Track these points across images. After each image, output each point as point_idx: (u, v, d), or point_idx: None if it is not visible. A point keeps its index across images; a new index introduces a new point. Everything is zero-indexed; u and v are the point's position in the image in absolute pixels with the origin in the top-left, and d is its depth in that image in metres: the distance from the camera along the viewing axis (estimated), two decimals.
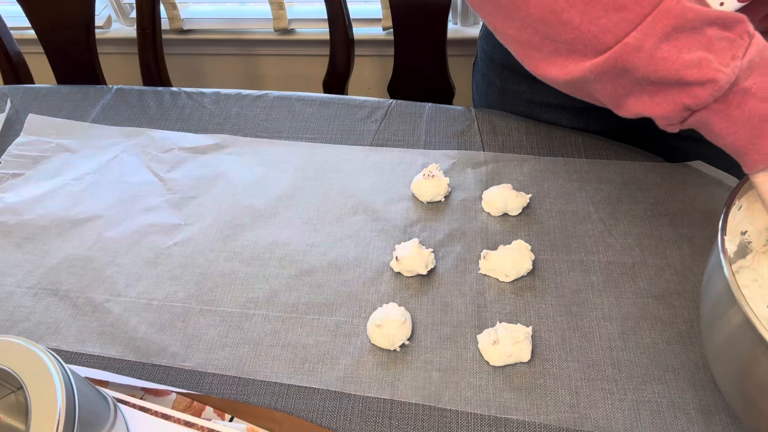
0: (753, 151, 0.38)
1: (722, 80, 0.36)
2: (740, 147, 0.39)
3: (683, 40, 0.37)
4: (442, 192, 0.63)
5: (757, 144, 0.38)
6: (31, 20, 1.06)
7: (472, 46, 1.34)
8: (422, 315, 0.55)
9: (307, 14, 1.45)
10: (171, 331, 0.55)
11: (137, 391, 0.51)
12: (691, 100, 0.38)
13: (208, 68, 1.60)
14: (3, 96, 0.83)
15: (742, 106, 0.37)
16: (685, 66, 0.37)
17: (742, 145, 0.38)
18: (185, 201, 0.67)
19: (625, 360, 0.51)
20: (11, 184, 0.70)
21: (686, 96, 0.38)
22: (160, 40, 1.08)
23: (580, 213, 0.62)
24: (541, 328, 0.53)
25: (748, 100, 0.37)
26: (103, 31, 1.48)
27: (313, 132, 0.74)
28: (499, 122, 0.73)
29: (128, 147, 0.74)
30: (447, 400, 0.49)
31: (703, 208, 0.61)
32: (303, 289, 0.58)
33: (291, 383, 0.51)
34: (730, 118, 0.38)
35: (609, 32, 0.39)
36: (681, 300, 0.54)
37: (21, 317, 0.57)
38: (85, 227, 0.65)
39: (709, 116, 0.39)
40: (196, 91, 0.81)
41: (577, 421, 0.48)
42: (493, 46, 0.74)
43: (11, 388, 0.40)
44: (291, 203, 0.66)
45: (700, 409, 0.48)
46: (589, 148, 0.69)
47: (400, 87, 1.15)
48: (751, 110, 0.37)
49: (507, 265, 0.56)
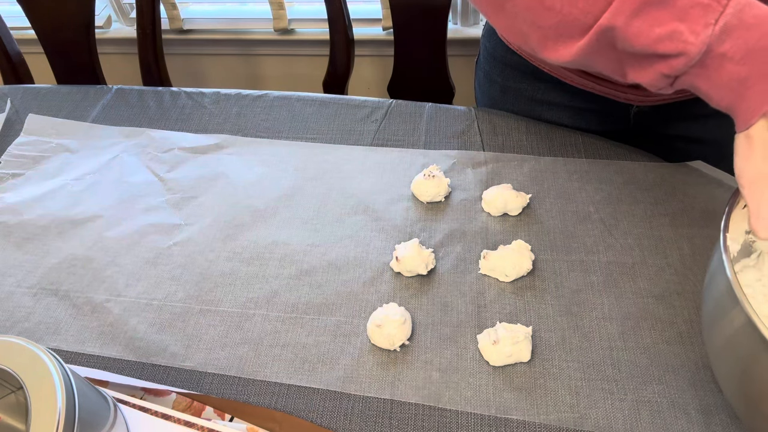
0: (738, 113, 0.39)
1: (692, 52, 0.37)
2: (726, 108, 0.39)
3: (653, 13, 0.38)
4: (442, 192, 0.63)
5: (739, 106, 0.38)
6: (31, 20, 1.06)
7: (472, 46, 1.34)
8: (422, 315, 0.55)
9: (307, 14, 1.45)
10: (171, 331, 0.55)
11: (137, 391, 0.51)
12: (668, 70, 0.39)
13: (208, 68, 1.60)
14: (3, 96, 0.83)
15: (720, 70, 0.38)
16: (657, 40, 0.38)
17: (727, 106, 0.39)
18: (185, 201, 0.67)
19: (625, 360, 0.51)
20: (11, 184, 0.70)
21: (664, 66, 0.39)
22: (160, 40, 1.08)
23: (580, 213, 0.62)
24: (541, 328, 0.53)
25: (726, 64, 0.37)
26: (103, 31, 1.49)
27: (313, 132, 0.74)
28: (499, 122, 0.73)
29: (128, 147, 0.74)
30: (447, 400, 0.49)
31: (703, 208, 0.61)
32: (303, 289, 0.58)
33: (291, 383, 0.51)
34: (711, 80, 0.39)
35: (588, 14, 0.40)
36: (681, 300, 0.54)
37: (21, 317, 0.57)
38: (85, 227, 0.65)
39: (693, 80, 0.40)
40: (196, 91, 0.81)
41: (577, 421, 0.48)
42: (495, 44, 0.74)
43: (11, 388, 0.40)
44: (291, 203, 0.66)
45: (700, 409, 0.47)
46: (589, 148, 0.69)
47: (400, 87, 1.15)
48: (729, 74, 0.37)
49: (507, 265, 0.56)
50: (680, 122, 0.69)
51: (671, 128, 0.71)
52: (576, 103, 0.71)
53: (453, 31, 1.38)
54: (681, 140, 0.71)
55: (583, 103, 0.71)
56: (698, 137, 0.70)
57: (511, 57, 0.72)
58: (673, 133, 0.71)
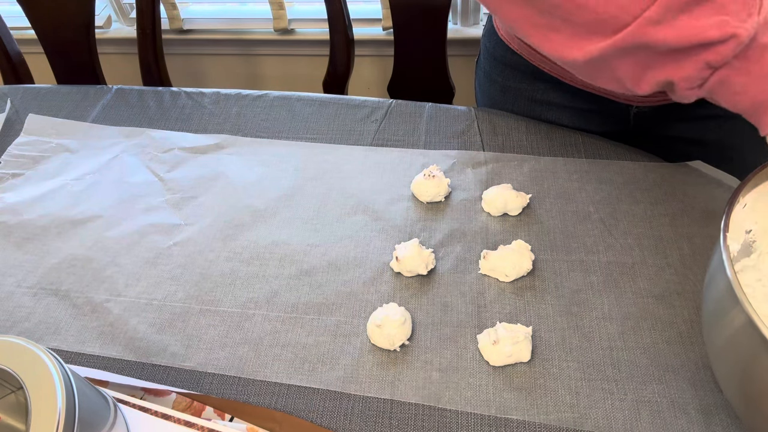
0: None
1: (743, 35, 0.37)
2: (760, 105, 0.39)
3: (698, 10, 0.39)
4: (442, 192, 0.63)
5: None
6: (31, 20, 1.06)
7: (472, 46, 1.34)
8: (422, 315, 0.55)
9: (307, 14, 1.45)
10: (171, 331, 0.55)
11: (137, 391, 0.51)
12: (713, 57, 0.39)
13: (208, 68, 1.60)
14: (3, 96, 0.83)
15: (761, 61, 0.38)
16: (706, 28, 0.38)
17: (762, 102, 0.39)
18: (185, 201, 0.67)
19: (625, 360, 0.51)
20: (11, 184, 0.70)
21: (709, 54, 0.39)
22: (160, 40, 1.08)
23: (580, 213, 0.62)
24: (541, 328, 0.53)
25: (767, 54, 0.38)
26: (103, 31, 1.48)
27: (313, 132, 0.74)
28: (499, 122, 0.73)
29: (128, 147, 0.74)
30: (447, 400, 0.49)
31: (703, 208, 0.61)
32: (303, 289, 0.58)
33: (291, 383, 0.51)
34: (750, 74, 0.39)
35: (625, 11, 0.40)
36: (681, 300, 0.54)
37: (21, 317, 0.57)
38: (85, 227, 0.65)
39: (730, 75, 0.39)
40: (196, 91, 0.81)
41: (577, 421, 0.48)
42: (495, 44, 0.74)
43: (11, 388, 0.40)
44: (291, 203, 0.66)
45: (700, 409, 0.47)
46: (589, 148, 0.69)
47: (400, 87, 1.15)
48: None
49: (507, 265, 0.56)
50: (680, 123, 0.69)
51: (671, 129, 0.71)
52: (576, 104, 0.71)
53: (453, 31, 1.38)
54: (681, 141, 0.71)
55: (584, 104, 0.71)
56: (698, 138, 0.70)
57: (511, 57, 0.72)
58: (673, 134, 0.71)
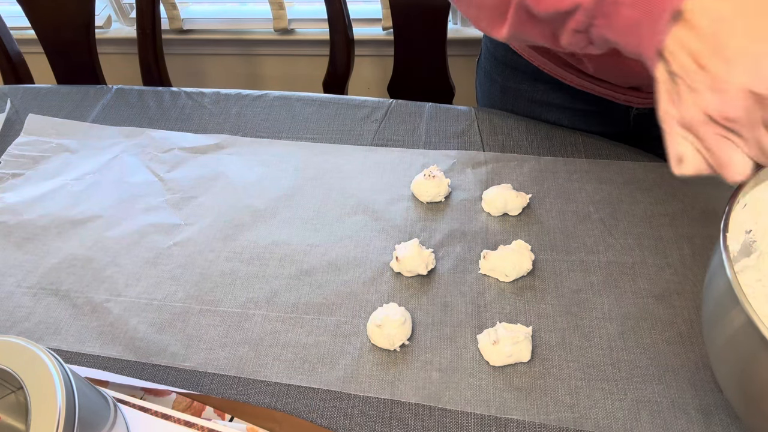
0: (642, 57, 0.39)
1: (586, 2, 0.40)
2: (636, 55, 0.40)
3: None
4: (442, 192, 0.63)
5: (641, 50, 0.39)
6: (31, 20, 1.06)
7: (472, 46, 1.34)
8: (422, 315, 0.55)
9: (307, 14, 1.45)
10: (171, 331, 0.55)
11: (137, 391, 0.51)
12: (575, 25, 0.42)
13: (208, 68, 1.60)
14: (3, 96, 0.83)
15: (618, 16, 0.39)
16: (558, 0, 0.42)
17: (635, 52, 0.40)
18: (185, 201, 0.67)
19: (625, 360, 0.51)
20: (11, 184, 0.70)
21: (572, 22, 0.42)
22: (160, 40, 1.08)
23: (580, 213, 0.62)
24: (541, 328, 0.53)
25: (620, 9, 0.39)
26: (103, 31, 1.48)
27: (313, 132, 0.74)
28: (499, 122, 0.73)
29: (128, 147, 0.74)
30: (447, 400, 0.49)
31: (703, 208, 0.61)
32: (303, 289, 0.58)
33: (291, 383, 0.51)
34: (613, 28, 0.40)
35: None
36: (681, 300, 0.54)
37: (21, 317, 0.57)
38: (85, 227, 0.65)
39: (601, 32, 0.41)
40: (196, 91, 0.81)
41: (577, 421, 0.48)
42: (496, 44, 0.74)
43: (11, 388, 0.40)
44: (291, 203, 0.66)
45: (700, 409, 0.47)
46: (589, 148, 0.69)
47: (400, 87, 1.15)
48: (626, 19, 0.39)
49: (507, 265, 0.56)
50: None
51: None
52: (576, 105, 0.71)
53: (453, 31, 1.38)
54: None
55: (583, 105, 0.71)
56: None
57: (512, 57, 0.72)
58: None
